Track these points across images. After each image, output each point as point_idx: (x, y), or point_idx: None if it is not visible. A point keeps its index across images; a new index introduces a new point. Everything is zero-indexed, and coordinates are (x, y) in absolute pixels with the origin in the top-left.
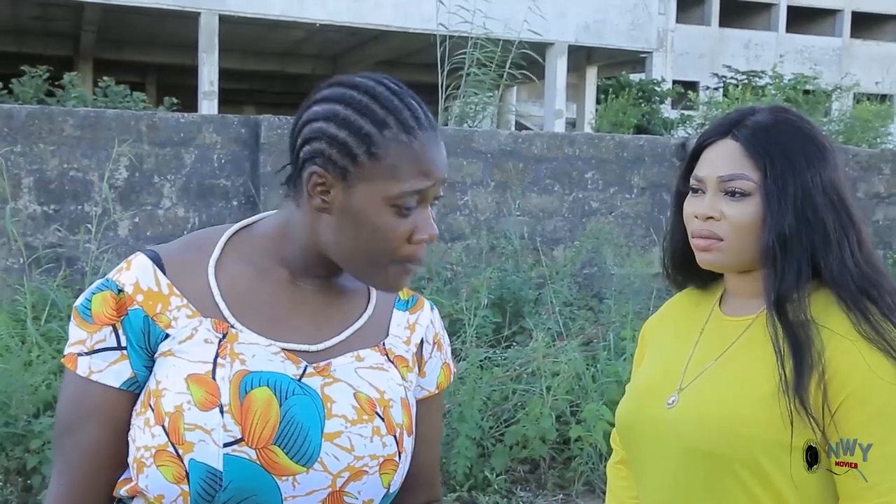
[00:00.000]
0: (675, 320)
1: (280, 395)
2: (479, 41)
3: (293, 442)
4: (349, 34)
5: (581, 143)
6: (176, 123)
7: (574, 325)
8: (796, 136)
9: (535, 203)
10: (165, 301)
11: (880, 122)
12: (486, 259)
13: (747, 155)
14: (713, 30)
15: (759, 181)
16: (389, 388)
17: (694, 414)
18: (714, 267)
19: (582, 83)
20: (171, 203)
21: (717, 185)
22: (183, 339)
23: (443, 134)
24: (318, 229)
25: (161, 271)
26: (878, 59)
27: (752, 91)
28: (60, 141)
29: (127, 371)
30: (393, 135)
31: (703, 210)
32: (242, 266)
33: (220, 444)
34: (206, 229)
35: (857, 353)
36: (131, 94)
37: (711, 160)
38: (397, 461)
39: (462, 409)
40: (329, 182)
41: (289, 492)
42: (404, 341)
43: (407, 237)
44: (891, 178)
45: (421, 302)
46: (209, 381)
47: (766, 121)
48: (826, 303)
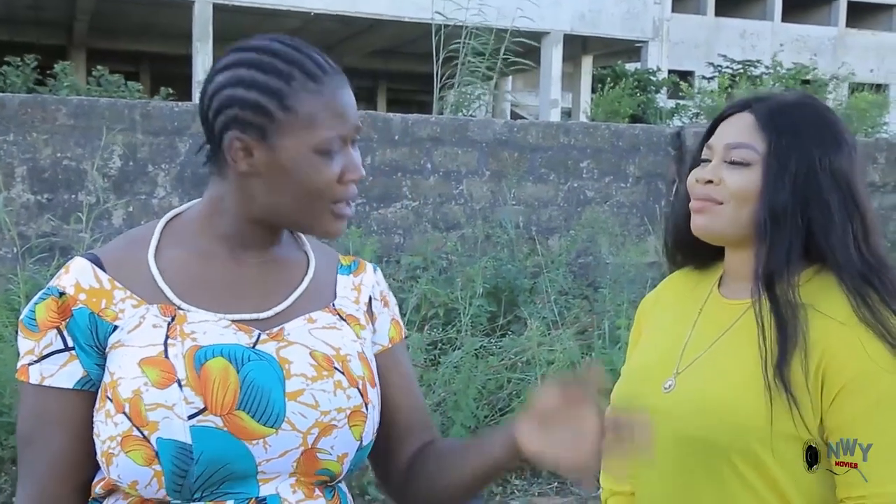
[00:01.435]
0: (673, 300)
1: (235, 363)
2: (474, 30)
3: (257, 404)
4: (344, 23)
5: (576, 132)
6: (170, 112)
7: (569, 313)
8: (814, 119)
9: (531, 192)
10: (109, 296)
11: (877, 111)
12: (481, 248)
13: (758, 127)
14: (709, 19)
15: (762, 152)
16: (345, 345)
17: (690, 400)
18: (707, 233)
19: (577, 72)
20: (165, 192)
21: (723, 152)
22: (131, 328)
23: (438, 123)
24: (250, 195)
25: (101, 269)
26: (874, 49)
27: (749, 80)
28: (53, 130)
29: (78, 371)
30: (301, 85)
31: (704, 174)
32: (181, 250)
33: (184, 418)
34: (138, 227)
35: (855, 339)
36: (126, 84)
37: (724, 130)
38: (365, 412)
39: (457, 398)
40: (250, 145)
41: (261, 455)
42: (353, 301)
43: (337, 179)
44: (886, 168)
45: (363, 265)
46: (162, 360)
47: (789, 101)
48: (825, 287)
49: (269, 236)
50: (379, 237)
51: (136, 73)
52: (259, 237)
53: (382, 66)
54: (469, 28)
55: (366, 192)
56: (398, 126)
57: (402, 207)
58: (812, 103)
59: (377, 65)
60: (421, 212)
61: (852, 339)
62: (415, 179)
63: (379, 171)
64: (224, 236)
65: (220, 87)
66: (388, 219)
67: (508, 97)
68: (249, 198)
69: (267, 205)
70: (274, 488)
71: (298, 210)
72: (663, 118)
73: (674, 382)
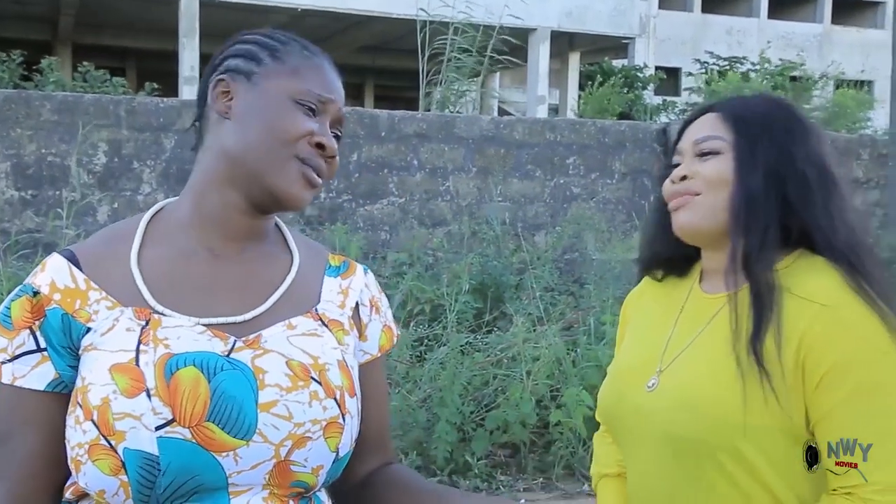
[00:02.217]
0: (656, 297)
1: (207, 373)
2: (461, 26)
3: (227, 417)
4: (332, 19)
5: (563, 128)
6: (155, 108)
7: (555, 310)
8: (779, 112)
9: (517, 189)
10: (84, 296)
11: (861, 108)
12: (467, 245)
13: (722, 119)
14: (695, 16)
15: (731, 140)
16: (324, 353)
17: (673, 398)
18: (690, 228)
19: (565, 69)
20: (150, 188)
21: (692, 149)
22: (104, 331)
23: (425, 119)
24: (223, 144)
25: (77, 268)
26: (859, 46)
27: (737, 78)
28: (38, 125)
29: (50, 373)
30: (294, 48)
31: (677, 172)
32: (163, 249)
33: (151, 429)
34: (122, 220)
35: (839, 321)
36: (111, 79)
37: (690, 132)
38: (341, 423)
39: (443, 394)
40: (233, 88)
41: (232, 468)
42: (338, 305)
43: (307, 135)
44: (869, 164)
45: (353, 267)
46: (132, 367)
47: (748, 100)
48: (806, 269)
49: (251, 221)
50: (365, 233)
51: (122, 69)
52: (241, 223)
53: (370, 62)
54: (456, 25)
55: (352, 188)
56: (385, 122)
57: (388, 204)
58: (775, 99)
59: (365, 61)
60: (407, 208)
61: (835, 321)
62: (401, 176)
63: (365, 168)
64: (205, 223)
65: (217, 62)
66: (374, 215)
67: (496, 94)
68: (222, 152)
69: (234, 149)
70: (246, 501)
71: (263, 157)
72: (650, 115)
73: (657, 381)
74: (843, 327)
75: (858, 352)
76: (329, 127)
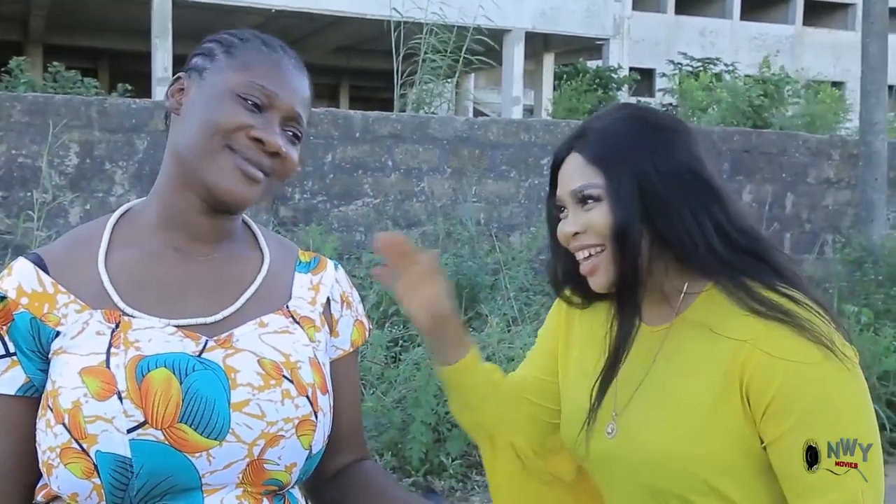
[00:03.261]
0: (584, 321)
1: (179, 374)
2: (434, 27)
3: (199, 417)
4: (306, 20)
5: (537, 129)
6: (127, 109)
7: (529, 310)
8: (632, 130)
9: (492, 189)
10: (52, 300)
11: (841, 112)
12: (442, 245)
13: (588, 163)
14: (669, 17)
15: (604, 185)
16: (296, 350)
17: (635, 450)
18: (608, 287)
19: (539, 70)
20: (123, 190)
21: (572, 199)
22: (74, 334)
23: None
24: (174, 142)
25: (44, 271)
26: (829, 47)
27: (711, 78)
28: (8, 127)
29: (21, 377)
30: (253, 45)
31: (568, 229)
32: (131, 250)
33: (123, 431)
34: (89, 222)
35: (767, 357)
36: (82, 80)
37: (563, 178)
38: (314, 421)
39: (418, 395)
40: (187, 85)
41: (205, 468)
42: (309, 302)
43: (242, 128)
44: (840, 164)
45: (324, 262)
46: (103, 370)
47: (603, 125)
48: (718, 303)
49: (212, 221)
50: (340, 234)
51: (94, 70)
52: (204, 224)
53: (345, 63)
54: (430, 25)
55: (327, 189)
56: (359, 123)
57: (363, 205)
58: (627, 114)
59: (339, 62)
60: (382, 209)
61: (763, 357)
62: (376, 177)
63: (340, 169)
64: (170, 225)
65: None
66: (348, 216)
67: (470, 95)
68: (173, 150)
69: (180, 150)
70: (219, 499)
71: (198, 150)
72: None
73: (615, 426)
74: (771, 364)
75: (791, 380)
76: (282, 124)
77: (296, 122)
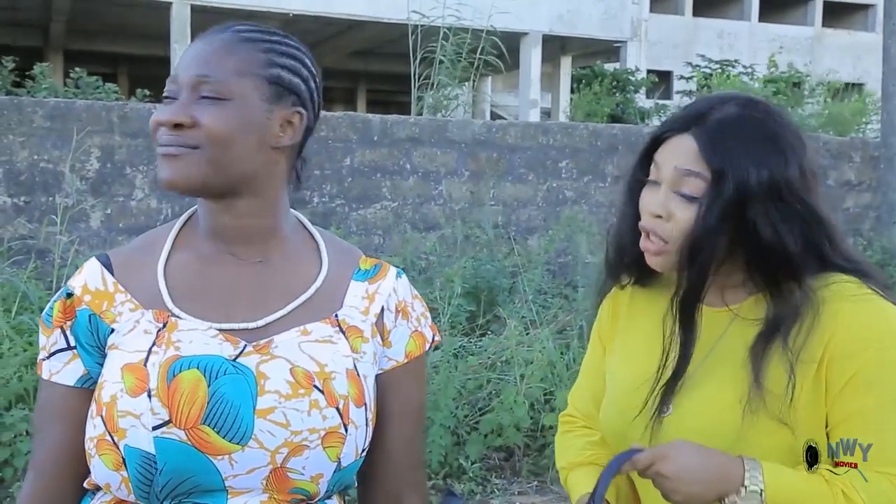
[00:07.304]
0: (641, 306)
1: (209, 376)
2: (451, 31)
3: (223, 421)
4: (324, 24)
5: (555, 132)
6: (147, 114)
7: (547, 313)
8: (751, 134)
9: (510, 192)
10: (111, 298)
11: (862, 117)
12: (460, 248)
13: (702, 157)
14: (687, 19)
15: (704, 188)
16: (333, 361)
17: (691, 427)
18: (665, 270)
19: (557, 73)
20: (143, 194)
21: (672, 178)
22: (126, 331)
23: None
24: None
25: (109, 272)
26: (849, 49)
27: (726, 81)
28: (30, 132)
29: (80, 369)
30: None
31: (653, 208)
32: (188, 254)
33: (149, 428)
34: (158, 227)
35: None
36: (103, 85)
37: (669, 155)
38: (342, 433)
39: (437, 398)
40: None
41: (227, 471)
42: (362, 311)
43: (158, 126)
44: (860, 167)
45: (384, 270)
46: (141, 368)
47: (724, 117)
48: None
49: (224, 217)
50: (358, 238)
51: (113, 75)
52: (222, 221)
53: (362, 67)
54: (446, 28)
55: (345, 192)
56: (377, 127)
57: (381, 208)
58: (754, 115)
59: (357, 66)
60: (400, 212)
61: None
62: (394, 180)
63: (358, 172)
64: (207, 229)
65: None
66: (367, 219)
67: (488, 98)
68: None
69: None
70: (244, 503)
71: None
72: (643, 118)
73: (669, 406)
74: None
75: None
76: (194, 95)
77: (204, 84)
